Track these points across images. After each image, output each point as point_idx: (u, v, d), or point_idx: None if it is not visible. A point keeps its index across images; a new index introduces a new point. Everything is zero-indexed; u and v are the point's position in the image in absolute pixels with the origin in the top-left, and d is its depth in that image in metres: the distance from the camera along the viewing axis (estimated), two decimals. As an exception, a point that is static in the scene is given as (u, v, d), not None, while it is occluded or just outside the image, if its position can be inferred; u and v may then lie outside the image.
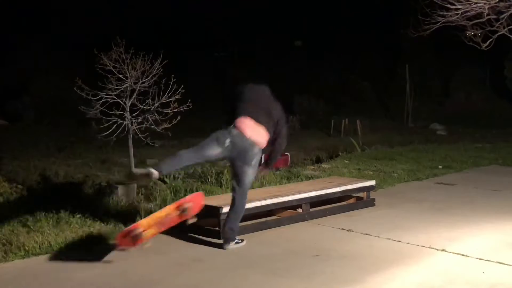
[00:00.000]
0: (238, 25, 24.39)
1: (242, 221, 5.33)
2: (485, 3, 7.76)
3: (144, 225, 4.72)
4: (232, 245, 5.14)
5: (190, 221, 5.53)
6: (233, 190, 5.16)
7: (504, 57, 20.19)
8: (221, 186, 7.52)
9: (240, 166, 5.01)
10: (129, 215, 5.95)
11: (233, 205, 5.14)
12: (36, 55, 19.40)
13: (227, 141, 4.93)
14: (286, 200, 6.06)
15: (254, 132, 5.00)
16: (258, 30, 24.62)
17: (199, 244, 5.34)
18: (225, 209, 5.48)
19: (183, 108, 7.19)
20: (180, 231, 5.70)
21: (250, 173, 5.02)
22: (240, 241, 5.20)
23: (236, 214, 5.13)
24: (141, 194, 6.88)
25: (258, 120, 5.04)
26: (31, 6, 20.82)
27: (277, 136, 5.21)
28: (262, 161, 5.52)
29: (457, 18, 8.13)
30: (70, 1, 21.70)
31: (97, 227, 5.71)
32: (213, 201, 5.85)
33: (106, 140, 7.15)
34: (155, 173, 4.80)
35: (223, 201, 5.76)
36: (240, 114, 5.05)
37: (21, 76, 18.98)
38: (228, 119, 5.11)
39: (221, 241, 5.30)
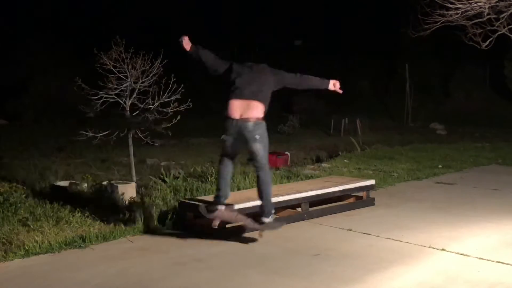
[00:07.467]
0: (238, 24, 24.38)
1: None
2: (485, 3, 7.77)
3: None
4: (266, 219, 5.19)
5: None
6: (256, 169, 5.19)
7: (504, 57, 20.17)
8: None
9: (250, 147, 5.07)
10: (129, 215, 5.95)
11: (259, 183, 5.17)
12: (36, 55, 19.40)
13: (226, 137, 5.10)
14: (285, 199, 6.05)
15: (243, 110, 5.05)
16: (258, 29, 24.62)
17: (199, 244, 5.34)
18: (224, 208, 5.49)
19: (183, 107, 7.19)
20: (180, 231, 5.72)
21: (259, 147, 5.05)
22: (271, 218, 5.23)
23: (264, 189, 5.15)
24: (141, 193, 6.87)
25: (244, 96, 5.08)
26: (31, 6, 20.84)
27: (300, 83, 5.74)
28: None
29: (457, 17, 8.13)
30: (70, 1, 21.72)
31: (97, 227, 5.71)
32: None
33: (106, 140, 7.15)
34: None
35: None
36: (227, 100, 5.13)
37: (21, 76, 18.98)
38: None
39: (220, 241, 5.34)
